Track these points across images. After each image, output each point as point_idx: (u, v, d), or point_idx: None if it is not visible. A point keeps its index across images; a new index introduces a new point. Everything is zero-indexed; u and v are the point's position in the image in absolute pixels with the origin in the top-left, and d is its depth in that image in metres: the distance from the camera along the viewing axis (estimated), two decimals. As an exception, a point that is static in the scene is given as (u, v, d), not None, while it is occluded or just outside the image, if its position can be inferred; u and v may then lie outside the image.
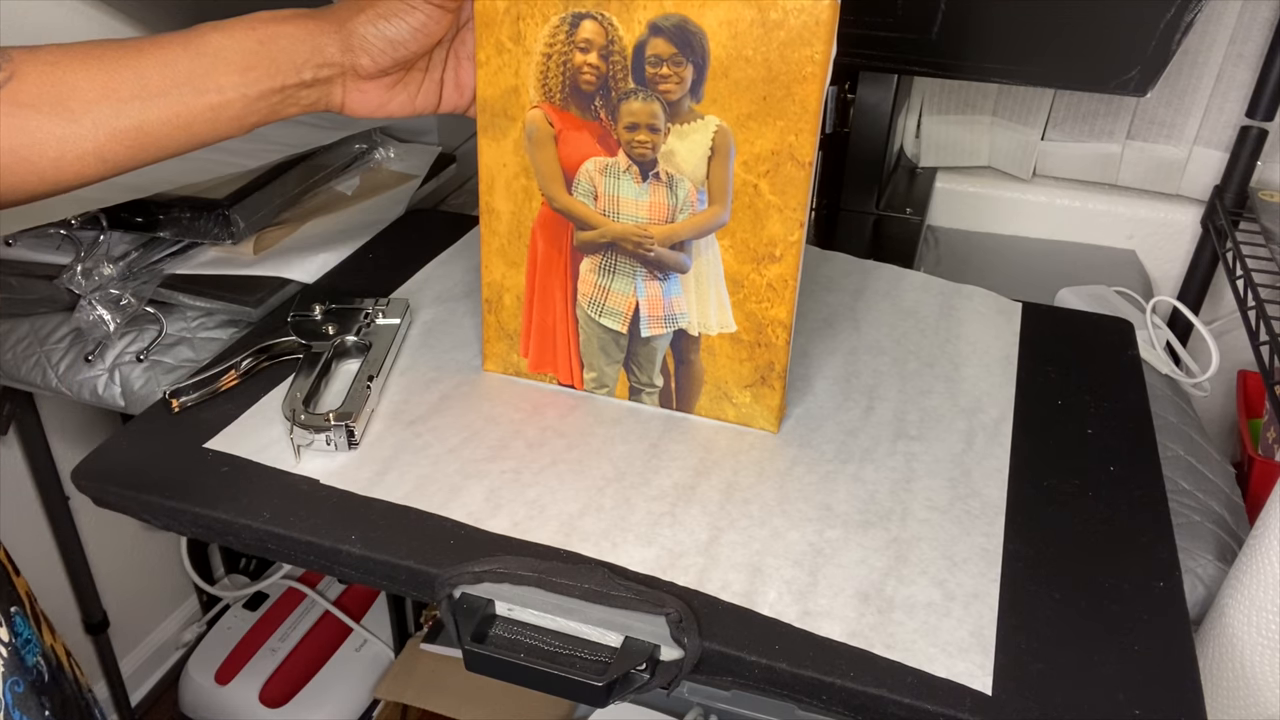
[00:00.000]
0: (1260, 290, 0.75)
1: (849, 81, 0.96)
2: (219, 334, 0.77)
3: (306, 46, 0.53)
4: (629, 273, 0.59)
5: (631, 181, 0.56)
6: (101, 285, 0.75)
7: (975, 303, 0.75)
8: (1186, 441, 0.71)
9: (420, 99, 0.59)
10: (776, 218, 0.54)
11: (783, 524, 0.54)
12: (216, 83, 0.52)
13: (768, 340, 0.58)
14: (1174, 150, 0.95)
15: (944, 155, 1.05)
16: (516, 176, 0.59)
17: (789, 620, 0.48)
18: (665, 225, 0.57)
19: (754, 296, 0.57)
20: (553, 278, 0.61)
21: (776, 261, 0.55)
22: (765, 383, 0.59)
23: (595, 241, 0.59)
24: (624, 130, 0.55)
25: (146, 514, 0.57)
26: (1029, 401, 0.64)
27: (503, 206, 0.60)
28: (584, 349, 0.63)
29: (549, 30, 0.54)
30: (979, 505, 0.55)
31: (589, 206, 0.58)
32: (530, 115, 0.57)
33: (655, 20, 0.52)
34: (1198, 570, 0.60)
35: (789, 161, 0.52)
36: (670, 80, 0.53)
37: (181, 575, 1.37)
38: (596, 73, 0.54)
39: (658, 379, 0.62)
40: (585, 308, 0.61)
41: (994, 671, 0.45)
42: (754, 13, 0.50)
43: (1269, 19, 0.86)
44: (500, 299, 0.63)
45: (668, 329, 0.60)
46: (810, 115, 0.51)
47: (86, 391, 0.76)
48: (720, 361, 0.60)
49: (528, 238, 0.60)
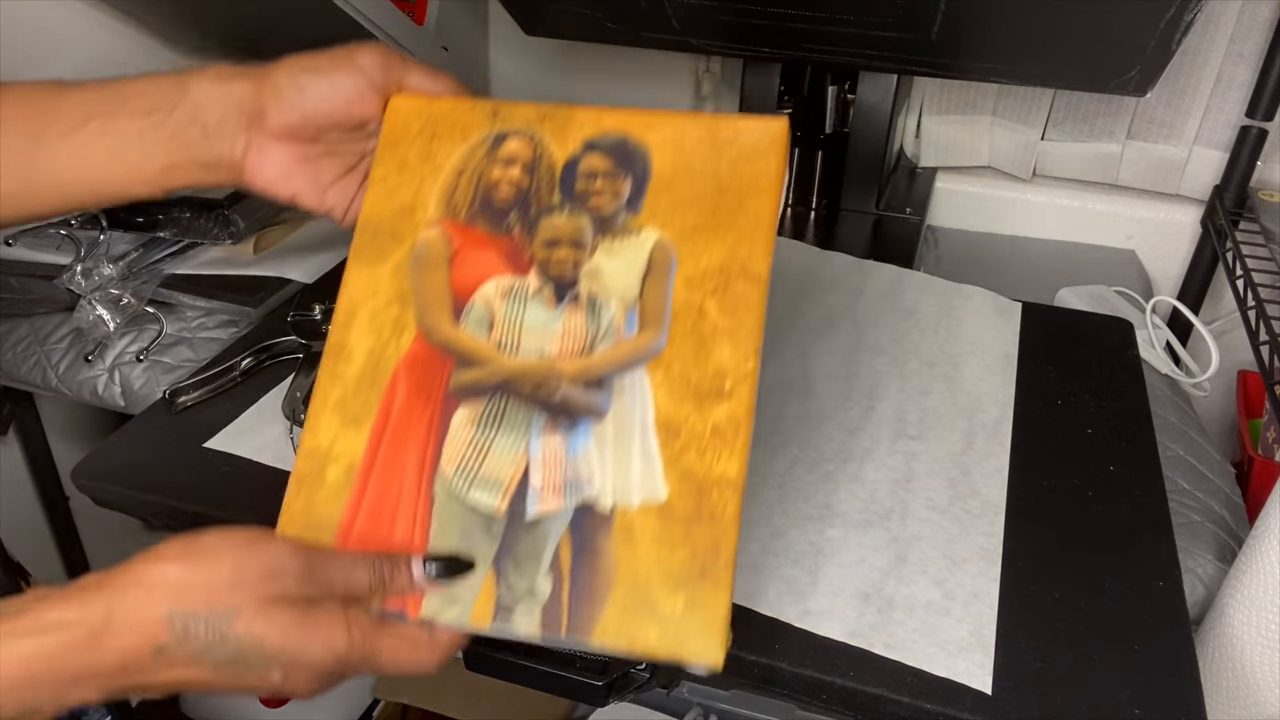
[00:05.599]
0: (1260, 290, 0.75)
1: (849, 81, 0.96)
2: (219, 334, 0.77)
3: (218, 91, 0.48)
4: (521, 424, 0.45)
5: (542, 306, 0.46)
6: (101, 285, 0.75)
7: (975, 303, 0.75)
8: (1186, 441, 0.71)
9: (332, 192, 0.51)
10: (726, 343, 0.44)
11: (783, 523, 0.54)
12: (120, 125, 0.47)
13: (711, 511, 0.42)
14: (1174, 150, 0.95)
15: (944, 155, 1.05)
16: (388, 305, 0.47)
17: (789, 620, 0.48)
18: (580, 358, 0.45)
19: (694, 446, 0.43)
20: (408, 437, 0.46)
21: (725, 399, 0.43)
22: (706, 576, 0.41)
23: (480, 383, 0.46)
24: (541, 247, 0.47)
25: (146, 514, 0.57)
26: (1029, 401, 0.64)
27: (359, 343, 0.47)
28: (435, 545, 0.44)
29: (466, 148, 0.48)
30: (979, 505, 0.55)
31: (479, 338, 0.46)
32: (424, 235, 0.48)
33: (592, 138, 0.47)
34: (1198, 570, 0.60)
35: (741, 278, 0.44)
36: (604, 194, 0.47)
37: (181, 575, 1.37)
38: (516, 188, 0.48)
39: (542, 584, 0.43)
40: (450, 477, 0.45)
41: (994, 671, 0.45)
42: (702, 131, 0.46)
43: (1269, 19, 0.86)
44: (319, 475, 0.46)
45: (567, 502, 0.43)
46: (765, 228, 0.45)
47: (86, 391, 0.76)
48: (641, 549, 0.42)
49: (384, 384, 0.47)
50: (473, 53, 1.12)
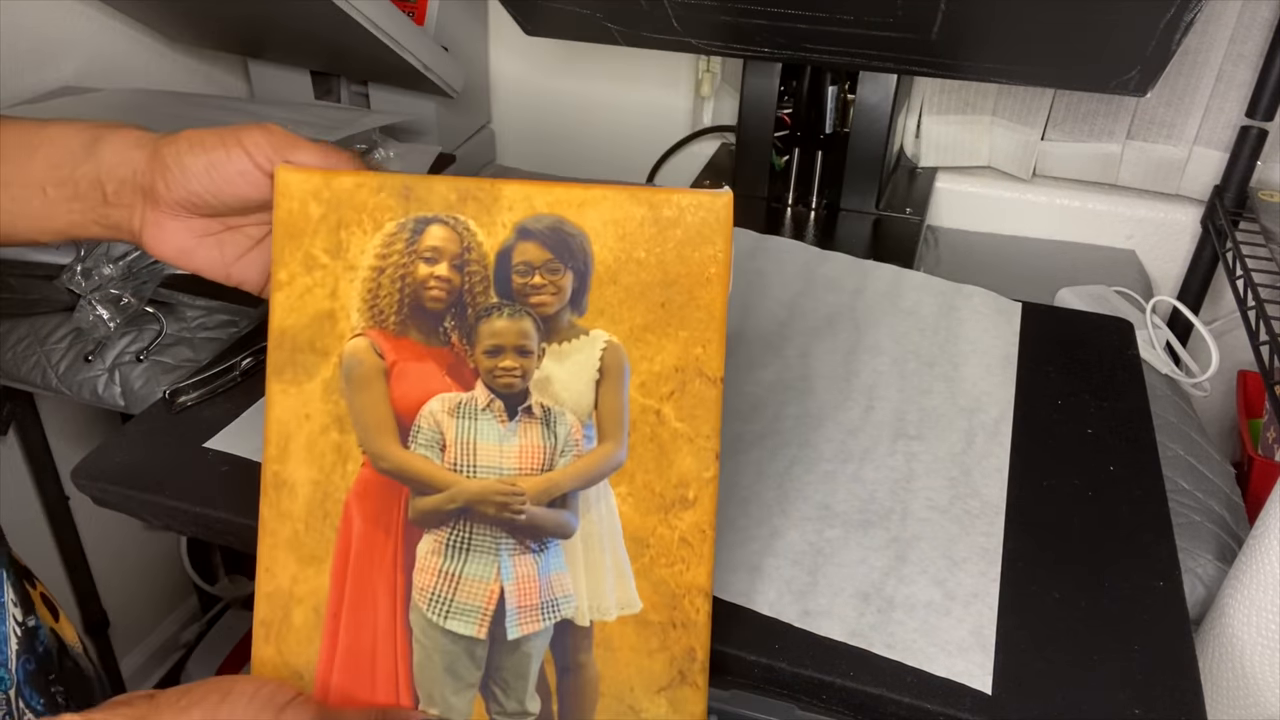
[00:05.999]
0: (1260, 290, 0.75)
1: (849, 81, 0.96)
2: (219, 334, 0.77)
3: (120, 158, 0.46)
4: (489, 549, 0.44)
5: (494, 422, 0.43)
6: (101, 285, 0.75)
7: (975, 303, 0.75)
8: (1186, 441, 0.71)
9: (239, 267, 0.49)
10: (686, 450, 0.43)
11: (783, 524, 0.54)
12: (26, 176, 0.46)
13: (685, 618, 0.43)
14: (1174, 150, 0.95)
15: (944, 155, 1.05)
16: (325, 431, 0.44)
17: (789, 620, 0.48)
18: (540, 475, 0.43)
19: (664, 558, 0.43)
20: (374, 572, 0.44)
21: (690, 507, 0.43)
22: (685, 680, 0.43)
23: (441, 510, 0.44)
24: (484, 356, 0.43)
25: (146, 514, 0.57)
26: (1029, 401, 0.64)
27: (301, 476, 0.44)
28: (420, 675, 0.44)
29: (382, 239, 0.43)
30: (979, 505, 0.55)
31: (433, 461, 0.44)
32: (350, 346, 0.44)
33: (523, 223, 0.43)
34: (1198, 570, 0.60)
35: (697, 378, 0.43)
36: (545, 290, 0.43)
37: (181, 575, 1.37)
38: (447, 287, 0.43)
39: (532, 703, 0.44)
40: (425, 610, 0.44)
41: (994, 671, 0.45)
42: (644, 210, 0.42)
43: (1269, 19, 0.86)
44: (286, 618, 0.44)
45: (546, 621, 0.44)
46: (717, 323, 0.43)
47: (86, 391, 0.76)
48: (623, 659, 0.44)
49: (337, 517, 0.44)
50: (473, 53, 1.12)
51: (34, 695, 0.55)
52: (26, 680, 0.54)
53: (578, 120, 1.17)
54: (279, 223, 0.44)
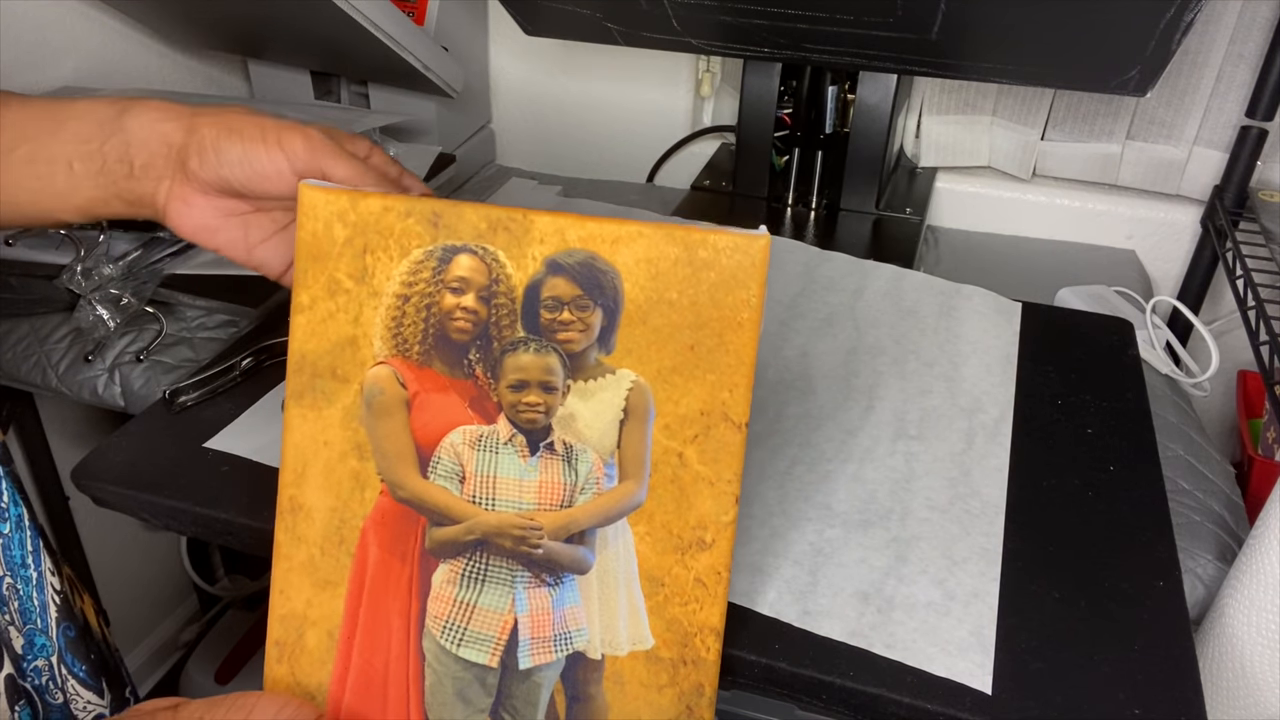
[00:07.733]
0: (1260, 290, 0.75)
1: (849, 81, 0.96)
2: (219, 334, 0.77)
3: (150, 131, 0.46)
4: (505, 580, 0.44)
5: (515, 456, 0.43)
6: (101, 285, 0.75)
7: (975, 303, 0.75)
8: (1186, 441, 0.71)
9: (261, 250, 0.49)
10: (707, 493, 0.43)
11: (783, 524, 0.54)
12: (51, 151, 0.46)
13: (695, 656, 0.44)
14: (1174, 150, 0.95)
15: (944, 155, 1.05)
16: (343, 458, 0.44)
17: (789, 620, 0.48)
18: (559, 511, 0.44)
19: (678, 597, 0.44)
20: (389, 598, 0.45)
21: (707, 549, 0.43)
22: (693, 715, 0.44)
23: (458, 541, 0.44)
24: (508, 390, 0.43)
25: (146, 514, 0.57)
26: (1029, 401, 0.64)
27: (318, 501, 0.45)
28: (431, 700, 0.44)
29: (409, 266, 0.43)
30: (979, 505, 0.55)
31: (452, 493, 0.44)
32: (373, 374, 0.44)
33: (554, 257, 0.42)
34: (1198, 570, 0.60)
35: (722, 423, 0.43)
36: (573, 327, 0.42)
37: (181, 575, 1.37)
38: (473, 319, 0.43)
39: None
40: (438, 637, 0.44)
41: (994, 671, 0.45)
42: (679, 251, 0.42)
43: (1269, 19, 0.86)
44: (299, 640, 0.45)
45: (559, 654, 0.44)
46: (746, 368, 0.42)
47: (86, 391, 0.76)
48: (631, 692, 0.44)
49: (353, 543, 0.45)
50: (473, 53, 1.12)
51: (75, 662, 0.56)
52: (67, 647, 0.55)
53: (578, 120, 1.17)
54: (302, 243, 0.43)
